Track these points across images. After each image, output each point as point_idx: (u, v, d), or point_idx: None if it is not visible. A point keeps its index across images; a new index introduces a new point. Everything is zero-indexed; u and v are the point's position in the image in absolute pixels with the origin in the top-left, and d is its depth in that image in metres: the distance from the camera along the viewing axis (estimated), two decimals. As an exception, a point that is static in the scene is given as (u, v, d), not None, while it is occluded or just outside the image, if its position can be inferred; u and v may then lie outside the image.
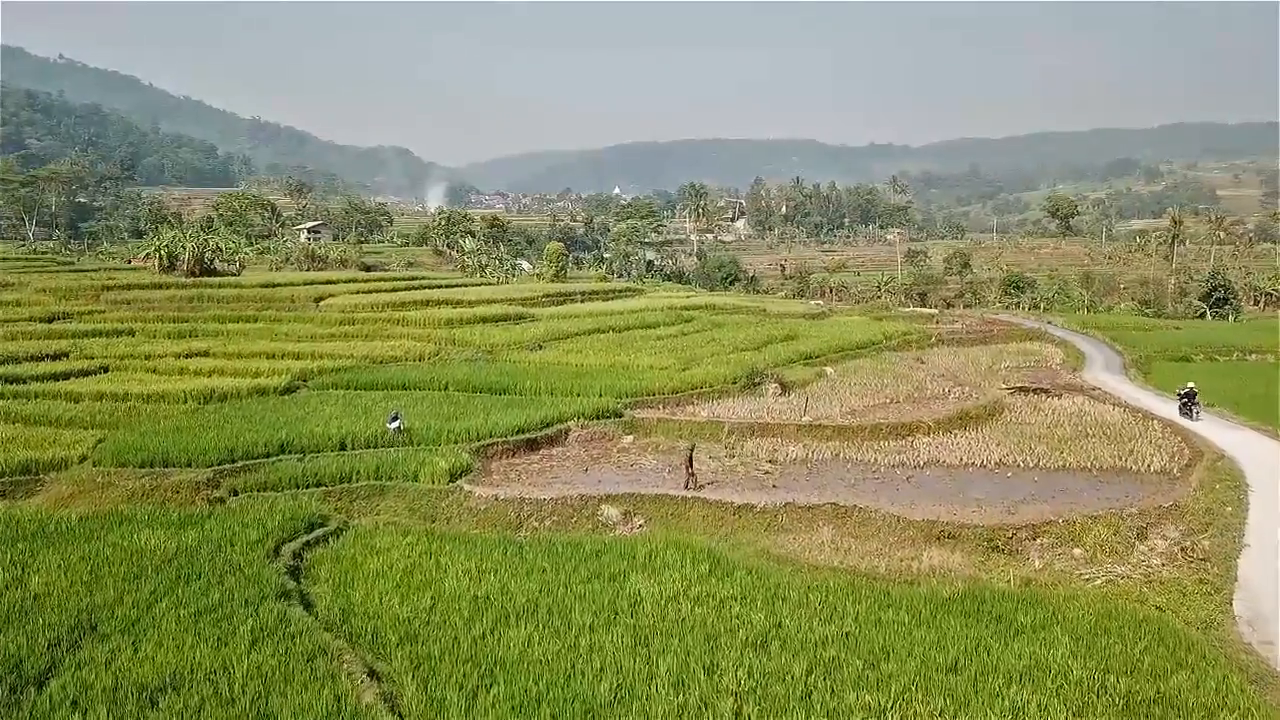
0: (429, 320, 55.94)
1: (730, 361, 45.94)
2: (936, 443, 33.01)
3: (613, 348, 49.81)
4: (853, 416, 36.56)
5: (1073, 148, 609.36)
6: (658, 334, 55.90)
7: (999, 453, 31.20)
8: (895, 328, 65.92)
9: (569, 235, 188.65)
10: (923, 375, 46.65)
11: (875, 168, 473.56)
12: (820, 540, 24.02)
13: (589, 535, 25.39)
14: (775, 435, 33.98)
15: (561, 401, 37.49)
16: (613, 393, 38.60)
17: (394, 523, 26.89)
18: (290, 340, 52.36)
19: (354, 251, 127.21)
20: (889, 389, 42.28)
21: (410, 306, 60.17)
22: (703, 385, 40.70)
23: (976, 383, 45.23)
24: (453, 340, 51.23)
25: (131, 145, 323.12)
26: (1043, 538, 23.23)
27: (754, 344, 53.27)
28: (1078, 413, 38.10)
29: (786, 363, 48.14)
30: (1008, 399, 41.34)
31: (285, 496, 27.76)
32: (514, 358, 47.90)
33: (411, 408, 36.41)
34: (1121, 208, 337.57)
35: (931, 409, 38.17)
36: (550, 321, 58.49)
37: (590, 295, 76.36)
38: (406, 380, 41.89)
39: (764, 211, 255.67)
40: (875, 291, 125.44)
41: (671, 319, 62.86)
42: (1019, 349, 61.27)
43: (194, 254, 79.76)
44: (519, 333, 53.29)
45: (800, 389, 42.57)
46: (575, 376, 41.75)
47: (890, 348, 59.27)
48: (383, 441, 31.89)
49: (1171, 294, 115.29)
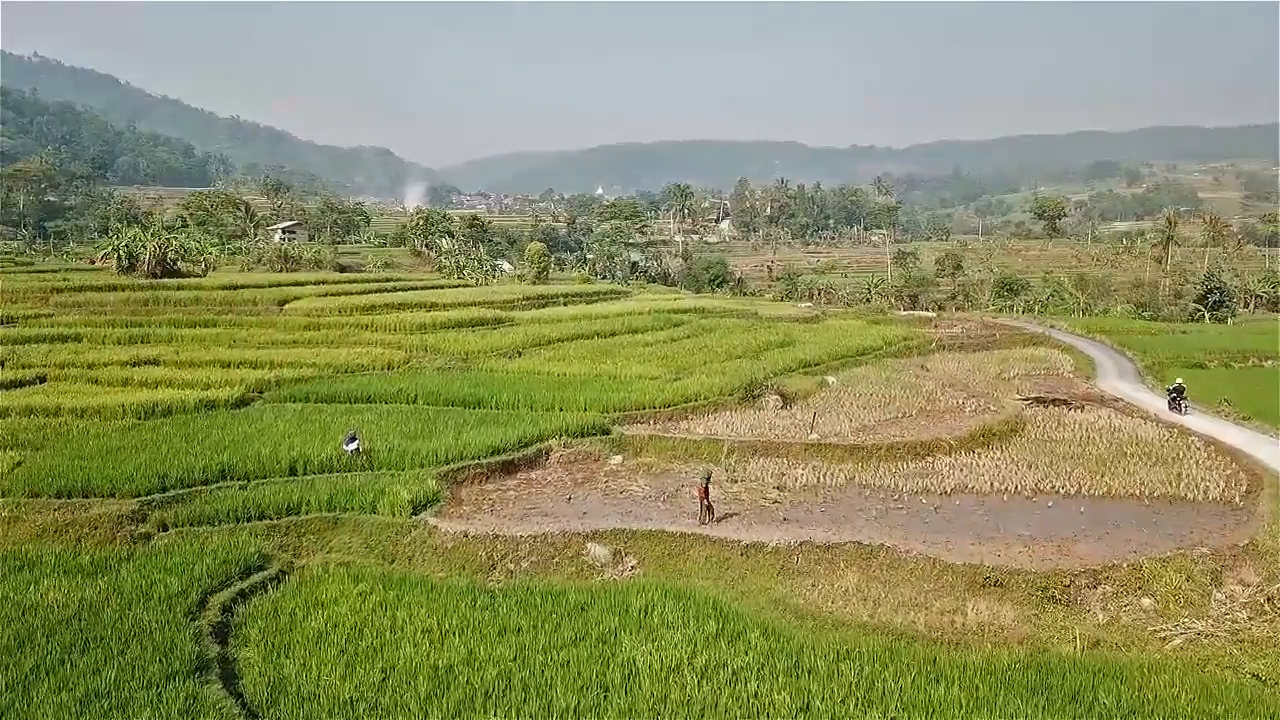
0: (400, 325, 52.11)
1: (725, 370, 42.44)
2: (960, 464, 29.63)
3: (597, 355, 46.21)
4: (864, 433, 33.13)
5: (1054, 150, 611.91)
6: (645, 340, 52.34)
7: (1032, 477, 27.85)
8: (894, 332, 62.68)
9: (551, 236, 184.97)
10: (931, 385, 43.35)
11: (858, 169, 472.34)
12: (844, 587, 20.54)
13: (573, 581, 21.81)
14: (781, 455, 30.50)
15: (542, 417, 33.87)
16: (598, 406, 35.03)
17: (347, 563, 23.24)
18: (249, 347, 48.53)
19: (329, 252, 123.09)
20: (899, 401, 38.90)
21: (380, 310, 56.34)
22: (697, 397, 37.17)
23: (989, 393, 41.96)
24: (425, 347, 47.43)
25: (106, 144, 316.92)
26: (1105, 585, 19.85)
27: (749, 351, 49.79)
28: (1107, 428, 34.84)
29: (785, 371, 44.70)
30: (1026, 412, 38.08)
31: (221, 532, 24.00)
32: (490, 366, 44.19)
33: (375, 424, 32.70)
34: (1104, 210, 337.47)
35: (948, 424, 34.82)
36: (530, 326, 54.80)
37: (573, 298, 72.71)
38: (372, 391, 38.16)
39: (748, 213, 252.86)
40: (866, 294, 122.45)
41: (659, 323, 59.34)
42: (1025, 355, 58.16)
43: (155, 254, 75.54)
44: (496, 338, 49.55)
45: (802, 401, 39.14)
46: (557, 388, 38.13)
47: (891, 354, 55.99)
48: (339, 465, 28.17)
49: (1166, 296, 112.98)
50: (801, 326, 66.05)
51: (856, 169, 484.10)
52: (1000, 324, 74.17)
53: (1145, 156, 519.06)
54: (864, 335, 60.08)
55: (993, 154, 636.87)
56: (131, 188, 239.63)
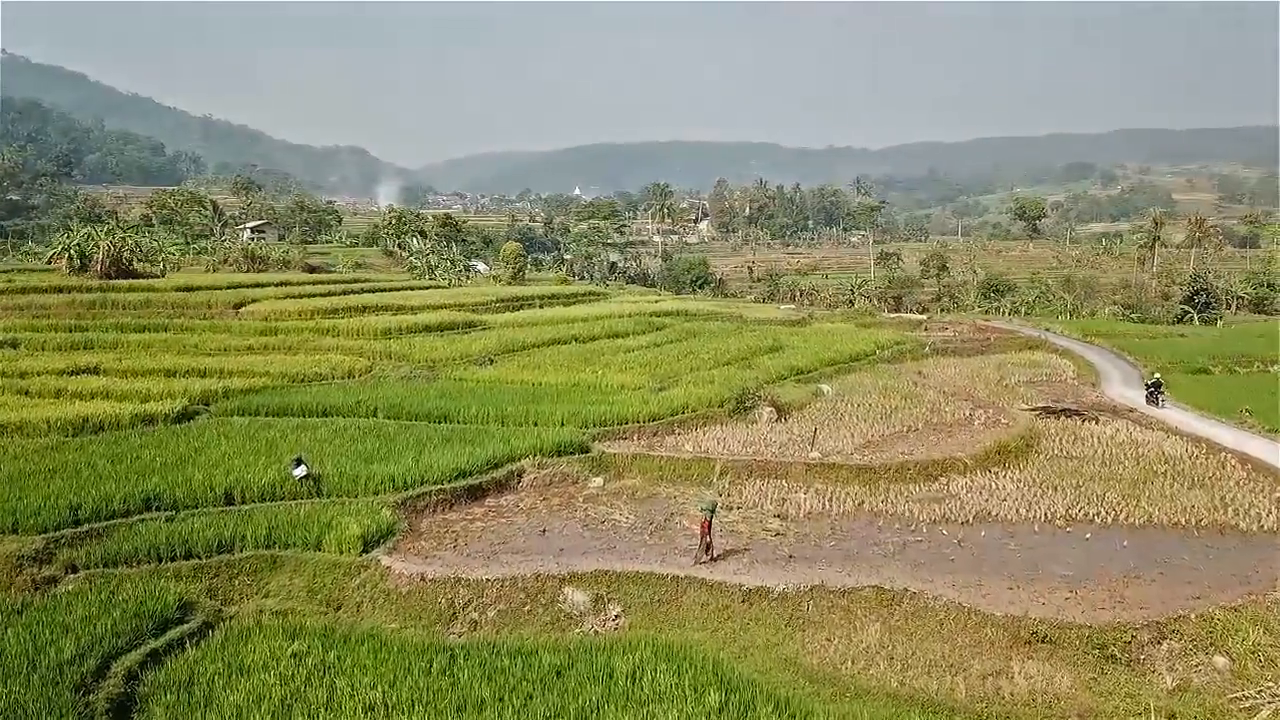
0: (364, 330, 48.66)
1: (714, 379, 39.42)
2: (977, 486, 26.77)
3: (576, 362, 43.04)
4: (869, 450, 30.21)
5: (1029, 152, 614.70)
6: (626, 345, 49.22)
7: (1061, 501, 25.02)
8: (885, 336, 59.94)
9: (528, 236, 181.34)
10: (933, 394, 40.56)
11: (835, 170, 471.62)
12: (865, 643, 17.55)
13: (548, 635, 18.69)
14: (780, 476, 27.52)
15: (514, 433, 30.67)
16: (577, 421, 31.87)
17: (285, 611, 20.03)
18: (199, 354, 44.99)
19: (297, 252, 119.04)
20: (901, 412, 36.04)
21: (344, 314, 52.89)
22: (684, 410, 34.11)
23: (997, 403, 39.22)
24: (389, 353, 44.07)
25: (73, 142, 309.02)
26: (1170, 639, 17.00)
27: (737, 357, 46.82)
28: (1129, 443, 32.13)
29: (777, 379, 41.75)
30: (1038, 423, 35.36)
31: (139, 575, 20.67)
32: (459, 375, 40.91)
33: (328, 443, 29.41)
34: (1080, 211, 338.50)
35: (959, 439, 31.98)
36: (503, 330, 51.56)
37: (549, 300, 69.44)
38: (328, 404, 34.80)
39: (727, 213, 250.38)
40: (849, 295, 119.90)
41: (641, 327, 56.28)
42: (1024, 360, 55.60)
43: (109, 253, 71.46)
44: (467, 344, 46.20)
45: (797, 412, 36.20)
46: (531, 400, 34.95)
47: (884, 359, 53.24)
48: (283, 492, 24.88)
49: (1153, 297, 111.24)
50: (788, 330, 63.18)
51: (833, 170, 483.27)
52: (993, 327, 71.65)
53: (1119, 158, 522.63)
54: (854, 339, 57.28)
55: (968, 155, 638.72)
56: (98, 187, 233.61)
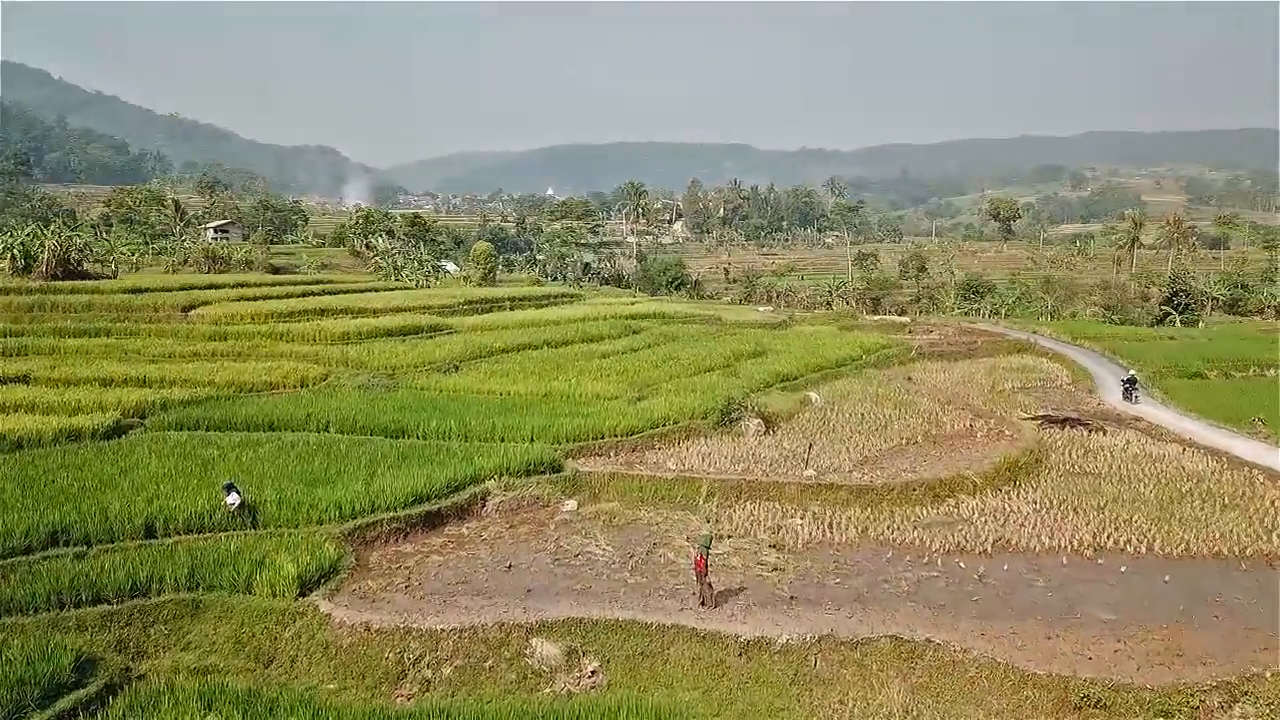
0: (321, 334, 45.49)
1: (695, 387, 36.78)
2: (990, 508, 24.31)
3: (548, 369, 40.21)
4: (868, 467, 27.68)
5: (999, 154, 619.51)
6: (602, 350, 46.42)
7: (1085, 527, 22.60)
8: (870, 339, 57.59)
9: (500, 236, 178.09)
10: (928, 403, 38.17)
11: (808, 172, 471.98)
12: (886, 708, 14.94)
13: (512, 698, 15.91)
14: (773, 498, 24.90)
15: (478, 450, 27.80)
16: (548, 436, 29.08)
17: (205, 670, 17.09)
18: (141, 361, 41.62)
19: (260, 252, 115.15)
20: (896, 423, 33.58)
21: (300, 317, 49.62)
22: (665, 422, 31.40)
23: (995, 412, 36.89)
24: (346, 360, 40.95)
25: (34, 140, 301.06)
26: (1243, 702, 14.54)
27: (718, 362, 44.23)
28: (1145, 457, 29.88)
29: (762, 387, 39.19)
30: (1043, 435, 33.06)
31: (37, 625, 17.66)
32: (421, 384, 37.90)
33: (271, 462, 26.40)
34: (1051, 213, 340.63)
35: (962, 454, 29.57)
36: (471, 335, 48.58)
37: (520, 302, 66.50)
38: (276, 417, 31.72)
39: (702, 214, 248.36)
40: (826, 296, 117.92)
41: (617, 330, 53.53)
42: (1014, 364, 53.46)
43: (55, 253, 67.59)
44: (431, 349, 43.17)
45: (786, 424, 33.63)
46: (499, 411, 32.10)
47: (871, 363, 50.92)
48: (213, 523, 21.88)
49: (1133, 299, 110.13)
50: (770, 333, 60.75)
51: (806, 171, 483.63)
52: (979, 330, 69.65)
53: (1088, 160, 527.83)
54: (838, 343, 54.88)
55: (939, 157, 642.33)
56: (59, 186, 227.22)
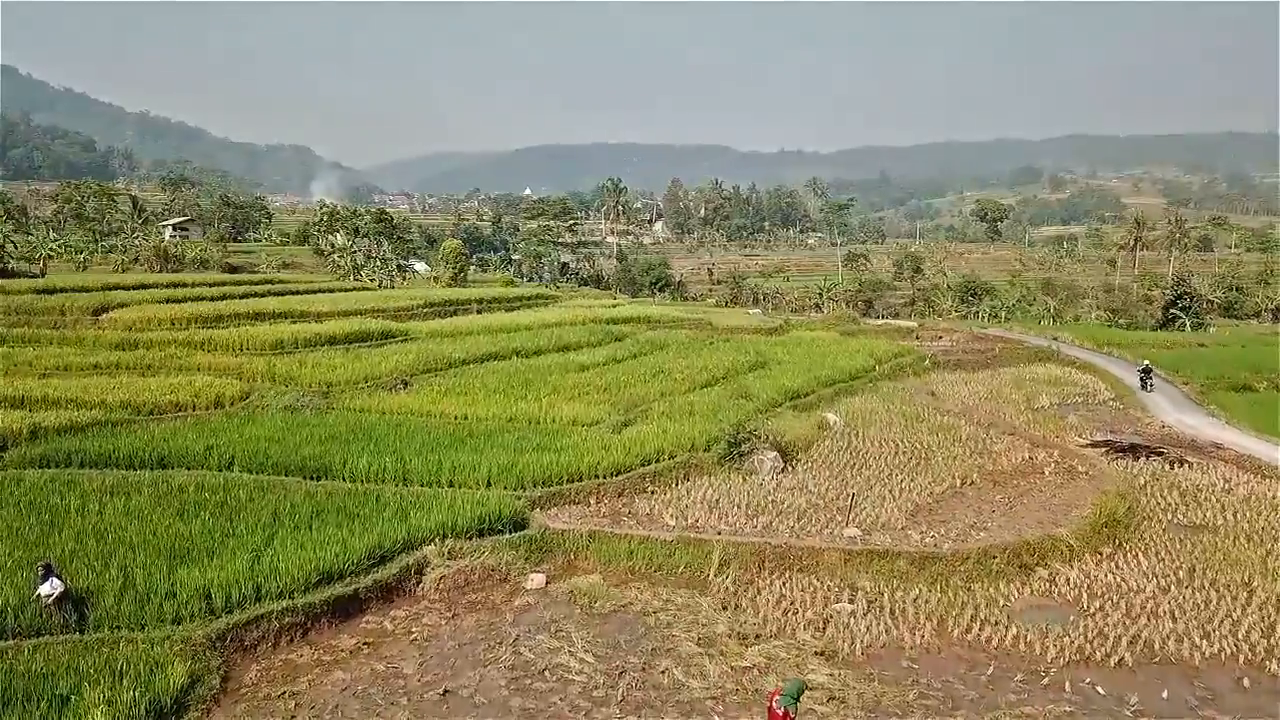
0: (250, 341, 38.71)
1: (693, 408, 30.49)
2: (1100, 584, 18.16)
3: (515, 385, 33.73)
4: (923, 519, 21.47)
5: (977, 156, 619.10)
6: (580, 360, 40.00)
7: (1244, 617, 16.47)
8: (880, 347, 51.47)
9: (475, 235, 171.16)
10: (965, 425, 32.11)
11: (786, 174, 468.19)
12: None
13: None
14: (808, 569, 18.63)
15: (419, 499, 21.30)
16: (511, 477, 22.65)
17: None
18: (29, 375, 34.70)
19: (217, 250, 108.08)
20: (940, 455, 27.45)
21: (230, 321, 42.91)
22: (659, 456, 25.07)
23: (1056, 440, 30.87)
24: (274, 374, 34.18)
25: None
26: None
27: (715, 375, 38.00)
28: (1257, 500, 23.88)
29: (770, 407, 32.95)
30: (1116, 469, 27.07)
31: None
32: (361, 404, 31.25)
33: (136, 521, 19.73)
34: (1032, 215, 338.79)
35: (1035, 498, 23.45)
36: (428, 342, 41.98)
37: (491, 304, 60.01)
38: (169, 450, 25.06)
39: (682, 214, 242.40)
40: (817, 298, 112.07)
41: (597, 336, 47.15)
42: (1042, 376, 47.63)
43: (-33, 249, 60.69)
44: (377, 360, 36.48)
45: (804, 454, 27.40)
46: (451, 443, 25.60)
47: (885, 375, 44.92)
48: (20, 624, 15.27)
49: (1136, 301, 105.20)
50: (767, 340, 54.60)
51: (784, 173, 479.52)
52: (993, 336, 63.78)
53: (1065, 163, 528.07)
54: (845, 352, 48.73)
55: (917, 159, 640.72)
56: (18, 183, 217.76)
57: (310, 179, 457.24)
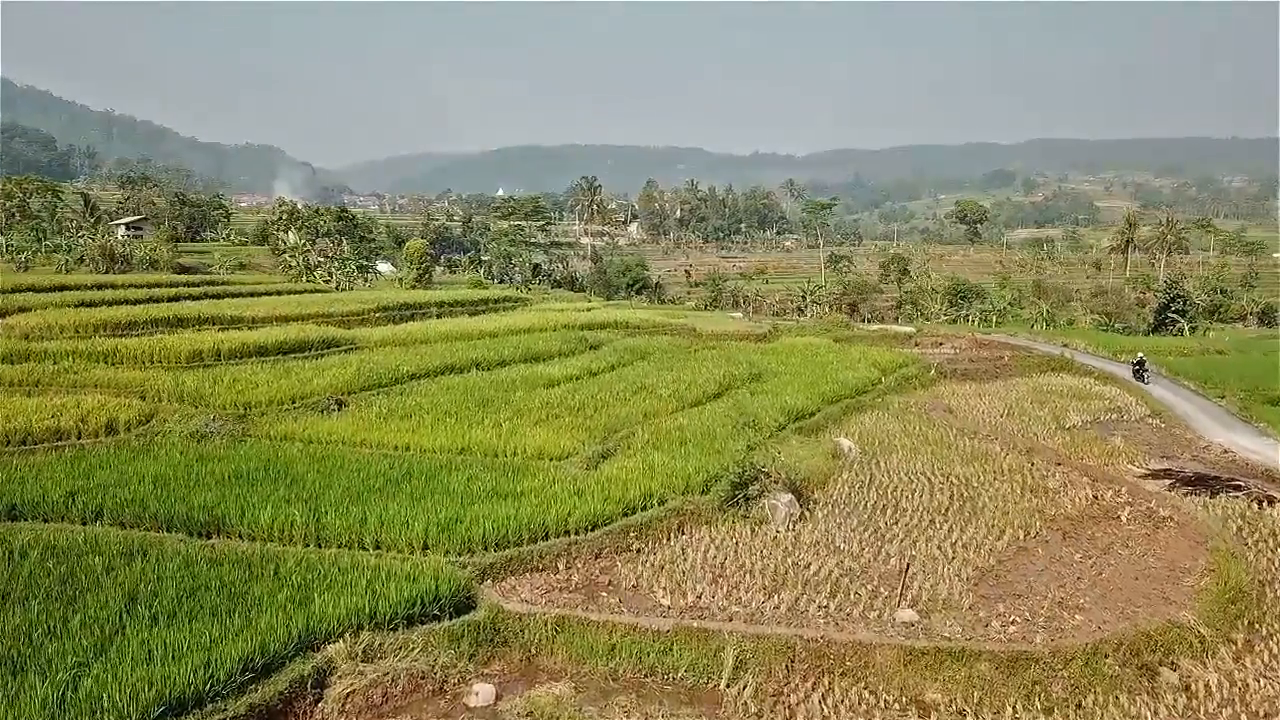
0: (162, 352, 33.02)
1: (684, 434, 25.44)
2: (1252, 697, 13.36)
3: (471, 406, 28.44)
4: (989, 590, 16.56)
5: (949, 160, 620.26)
6: (549, 374, 34.75)
7: None
8: (883, 356, 46.73)
9: (445, 236, 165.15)
10: (1005, 452, 27.35)
11: (761, 176, 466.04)
12: None
13: None
14: (851, 675, 13.64)
15: (333, 572, 16.05)
16: (455, 538, 17.43)
17: None
18: (-111, 393, 29.03)
19: (167, 250, 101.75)
20: (987, 494, 22.61)
21: (144, 329, 37.22)
22: (646, 502, 19.99)
23: (1099, 466, 26.19)
24: (183, 392, 28.59)
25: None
26: None
27: (706, 391, 32.98)
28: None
29: (773, 432, 27.99)
30: (1182, 504, 22.38)
31: None
32: (284, 430, 25.81)
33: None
34: (1006, 218, 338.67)
35: (1122, 555, 18.65)
36: (375, 353, 36.57)
37: (453, 307, 54.62)
38: (22, 496, 19.62)
39: (657, 215, 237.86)
40: (800, 301, 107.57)
41: (570, 345, 41.99)
42: (1061, 387, 43.08)
43: None
44: (309, 375, 30.91)
45: (820, 491, 22.46)
46: (382, 488, 20.31)
47: (891, 388, 40.20)
48: None
49: (1131, 305, 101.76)
50: (756, 348, 49.71)
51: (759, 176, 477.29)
52: (997, 342, 59.23)
53: (1036, 167, 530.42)
54: (845, 362, 43.84)
55: (890, 163, 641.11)
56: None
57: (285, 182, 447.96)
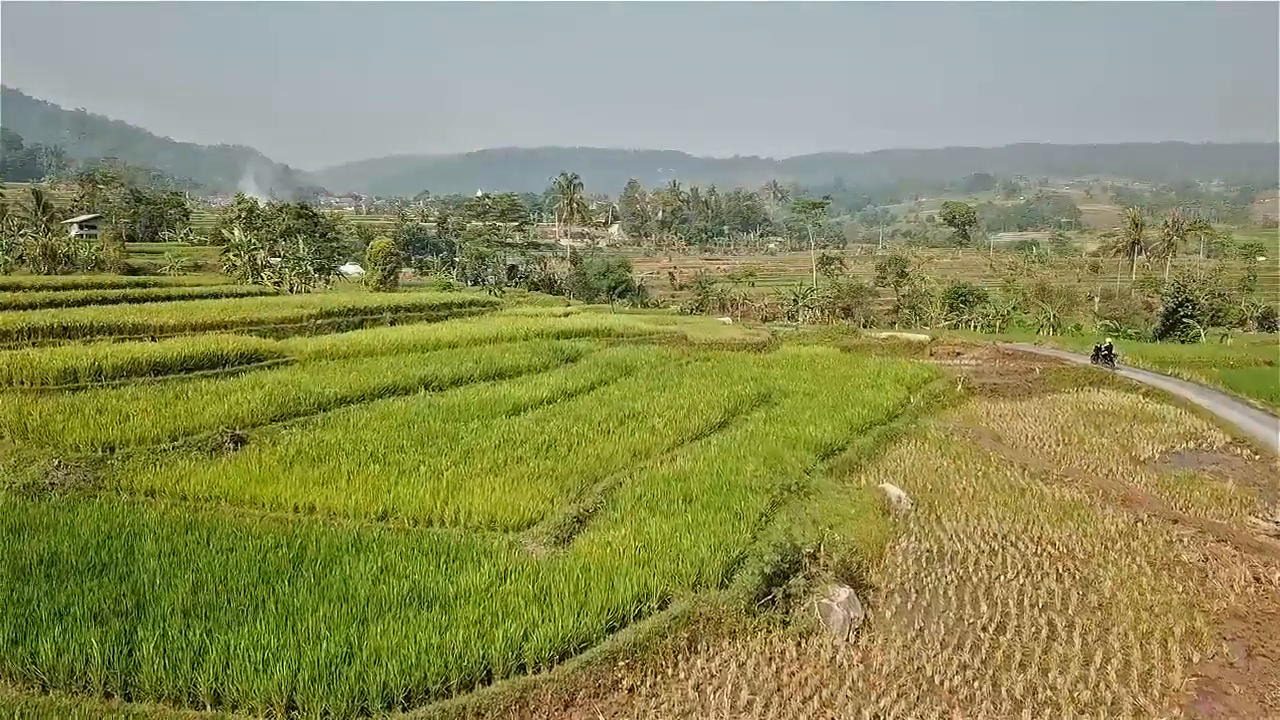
0: (26, 370, 26.18)
1: (688, 488, 19.02)
2: None
3: (408, 444, 21.83)
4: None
5: (930, 164, 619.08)
6: (515, 398, 28.10)
7: None
8: (903, 370, 40.49)
9: (419, 237, 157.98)
10: (1109, 508, 21.22)
11: (742, 179, 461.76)
12: None
13: None
14: None
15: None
16: (344, 688, 10.95)
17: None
18: None
19: (115, 250, 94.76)
20: (1108, 580, 16.42)
21: (15, 339, 30.40)
22: (640, 607, 13.58)
23: (1215, 521, 20.09)
24: (28, 427, 21.88)
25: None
26: None
27: (710, 420, 26.57)
28: None
29: (801, 476, 21.64)
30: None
31: None
32: (149, 481, 19.12)
33: None
34: (990, 221, 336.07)
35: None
36: (306, 368, 29.87)
37: (410, 312, 47.93)
38: None
39: (639, 216, 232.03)
40: (791, 305, 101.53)
41: (542, 358, 35.46)
42: (1114, 408, 37.04)
43: None
44: (201, 404, 24.15)
45: (878, 573, 16.15)
46: (249, 588, 13.69)
47: (921, 408, 34.05)
48: None
49: (1139, 309, 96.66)
50: (758, 359, 43.46)
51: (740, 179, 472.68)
52: (1024, 351, 52.96)
53: (1017, 170, 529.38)
54: (865, 378, 37.44)
55: (871, 166, 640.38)
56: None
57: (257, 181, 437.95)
